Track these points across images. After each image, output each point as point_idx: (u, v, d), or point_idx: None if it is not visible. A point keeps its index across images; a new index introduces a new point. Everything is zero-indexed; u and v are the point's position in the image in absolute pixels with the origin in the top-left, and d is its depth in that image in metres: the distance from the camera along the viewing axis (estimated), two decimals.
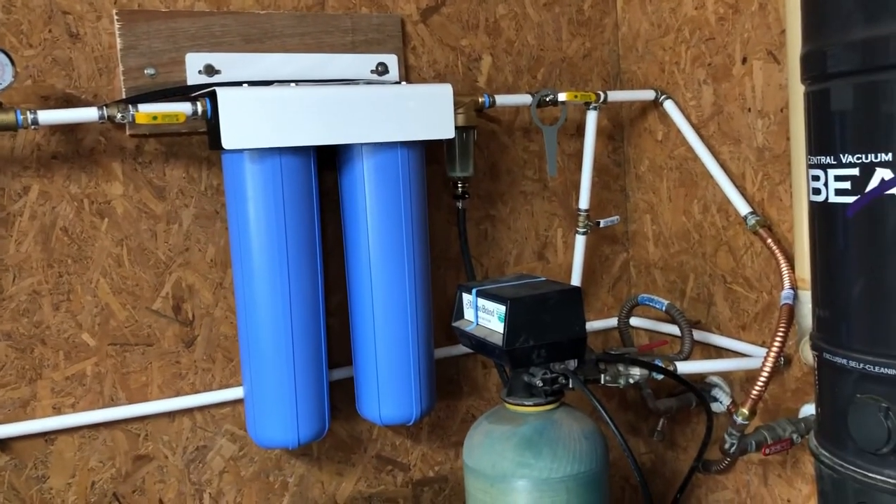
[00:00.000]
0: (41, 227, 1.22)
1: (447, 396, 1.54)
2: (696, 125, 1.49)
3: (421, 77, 1.46)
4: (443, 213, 1.50)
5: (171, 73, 1.26)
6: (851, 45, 0.81)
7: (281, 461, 1.41)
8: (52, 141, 1.21)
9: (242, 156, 1.18)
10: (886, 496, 0.81)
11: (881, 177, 0.79)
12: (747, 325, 1.44)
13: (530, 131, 1.58)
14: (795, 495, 1.39)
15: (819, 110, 0.87)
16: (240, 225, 1.21)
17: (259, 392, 1.25)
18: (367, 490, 1.49)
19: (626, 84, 1.64)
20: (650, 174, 1.62)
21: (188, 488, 1.34)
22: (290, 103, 1.18)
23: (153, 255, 1.29)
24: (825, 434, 0.89)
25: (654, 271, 1.64)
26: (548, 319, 1.13)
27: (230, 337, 1.35)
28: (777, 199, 1.35)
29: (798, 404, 1.35)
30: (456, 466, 1.56)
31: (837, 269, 0.85)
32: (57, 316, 1.24)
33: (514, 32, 1.54)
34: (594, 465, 1.14)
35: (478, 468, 1.16)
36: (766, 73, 1.35)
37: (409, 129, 1.26)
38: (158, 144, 1.28)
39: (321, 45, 1.36)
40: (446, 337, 1.49)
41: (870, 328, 0.82)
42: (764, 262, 1.39)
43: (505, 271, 1.58)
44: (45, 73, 1.20)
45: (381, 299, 1.29)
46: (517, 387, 1.18)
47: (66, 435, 1.25)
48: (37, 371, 1.23)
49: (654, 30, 1.56)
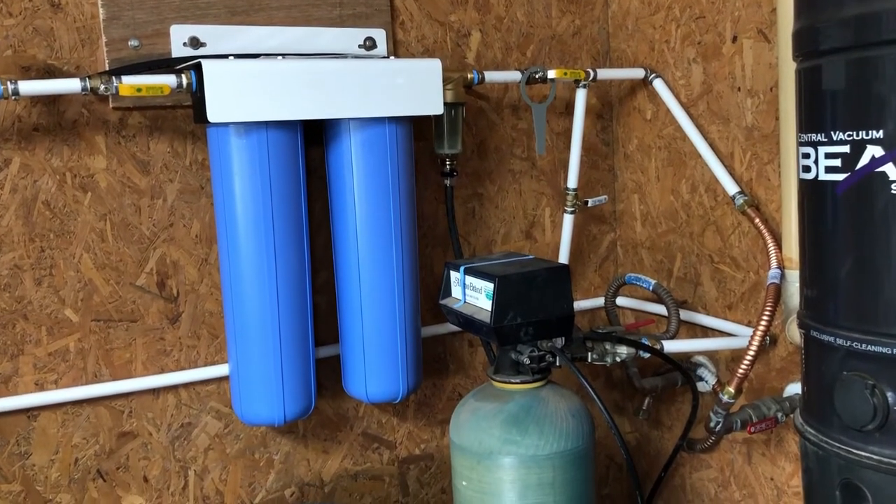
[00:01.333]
0: (22, 200, 1.20)
1: (433, 374, 1.54)
2: (685, 104, 1.48)
3: (409, 52, 1.45)
4: (430, 190, 1.49)
5: (155, 45, 1.23)
6: (844, 21, 0.80)
7: (266, 439, 1.41)
8: (34, 113, 1.19)
9: (228, 130, 1.17)
10: (870, 472, 0.81)
11: (872, 154, 0.78)
12: (734, 305, 1.45)
13: (519, 109, 1.57)
14: (779, 473, 1.40)
15: (810, 87, 0.87)
16: (225, 200, 1.20)
17: (245, 369, 1.24)
18: (353, 468, 1.49)
19: (616, 62, 1.63)
20: (639, 153, 1.62)
21: (173, 465, 1.34)
22: (277, 76, 1.16)
23: (137, 231, 1.28)
24: (811, 411, 0.89)
25: (641, 251, 1.64)
26: (536, 297, 1.12)
27: (215, 314, 1.34)
28: (765, 178, 1.35)
29: (783, 383, 1.36)
30: (442, 444, 1.57)
31: (826, 247, 0.85)
32: (39, 291, 1.22)
33: (504, 8, 1.53)
34: (581, 443, 1.14)
35: (464, 445, 1.16)
36: (756, 52, 1.34)
37: (397, 104, 1.24)
38: (142, 118, 1.26)
39: (308, 18, 1.34)
40: (433, 315, 1.49)
41: (857, 305, 0.82)
42: (751, 242, 1.39)
43: (492, 250, 1.58)
44: (25, 44, 1.18)
45: (368, 276, 1.28)
46: (504, 364, 1.18)
47: (48, 411, 1.24)
48: (18, 347, 1.22)
49: (645, 7, 1.55)
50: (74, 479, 1.27)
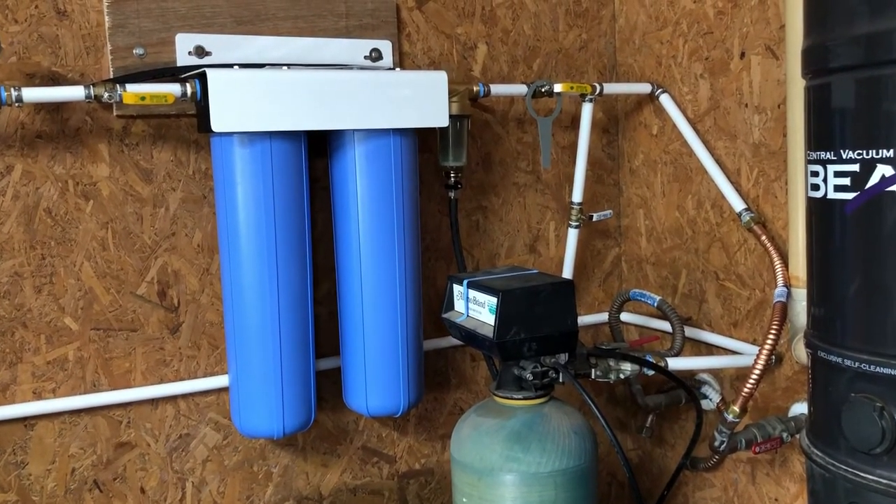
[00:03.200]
0: (24, 207, 1.19)
1: (435, 389, 1.53)
2: (691, 120, 1.47)
3: (415, 64, 1.44)
4: (434, 203, 1.49)
5: (160, 53, 1.23)
6: (855, 40, 0.80)
7: (265, 451, 1.39)
8: (37, 120, 1.19)
9: (232, 139, 1.16)
10: (878, 496, 0.80)
11: (882, 173, 0.78)
12: (739, 323, 1.43)
13: (524, 122, 1.56)
14: (783, 494, 1.39)
15: (820, 105, 0.86)
16: (228, 210, 1.19)
17: (245, 381, 1.23)
18: (353, 482, 1.47)
19: (622, 77, 1.63)
20: (644, 168, 1.61)
21: (170, 477, 1.32)
22: (282, 87, 1.16)
23: (139, 239, 1.27)
24: (817, 433, 0.88)
25: (645, 266, 1.63)
26: (540, 312, 1.11)
27: (216, 324, 1.33)
28: (772, 195, 1.34)
29: (788, 403, 1.34)
30: (442, 459, 1.55)
31: (834, 266, 0.84)
32: (39, 299, 1.21)
33: (511, 22, 1.53)
34: (583, 461, 1.13)
35: (465, 461, 1.15)
36: (763, 69, 1.33)
37: (402, 116, 1.24)
38: (146, 126, 1.26)
39: (314, 29, 1.34)
40: (435, 329, 1.48)
41: (866, 326, 0.81)
42: (757, 260, 1.38)
43: (496, 263, 1.57)
44: (30, 50, 1.18)
45: (371, 289, 1.27)
46: (507, 380, 1.16)
47: (46, 420, 1.23)
48: (17, 355, 1.21)
49: (652, 22, 1.55)
50: (71, 490, 1.26)
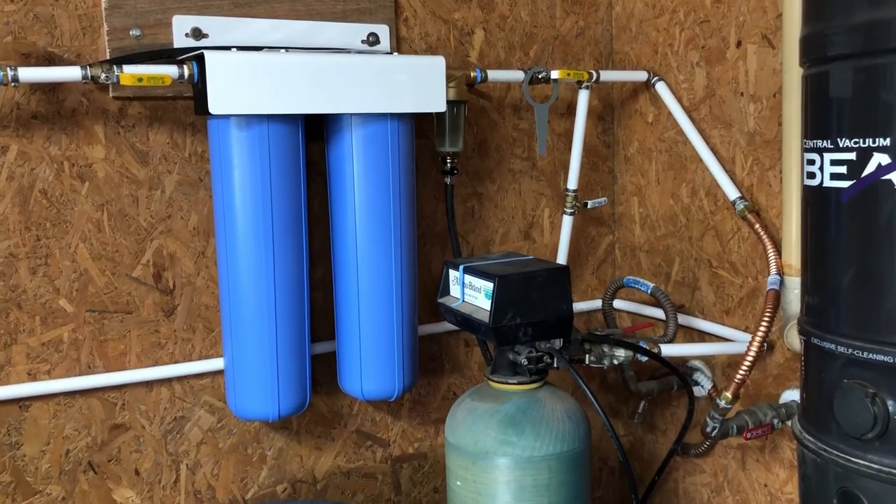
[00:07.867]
0: (19, 188, 1.19)
1: (429, 373, 1.54)
2: (687, 108, 1.48)
3: (412, 49, 1.44)
4: (430, 188, 1.49)
5: (157, 35, 1.22)
6: (853, 28, 0.80)
7: (260, 434, 1.40)
8: (33, 100, 1.18)
9: (229, 122, 1.16)
10: (869, 481, 0.81)
11: (878, 162, 0.78)
12: (731, 310, 1.44)
13: (520, 109, 1.56)
14: (773, 480, 1.40)
15: (817, 94, 0.86)
16: (224, 193, 1.19)
17: (240, 363, 1.23)
18: (346, 465, 1.48)
19: (619, 65, 1.63)
20: (639, 156, 1.61)
21: (165, 459, 1.33)
22: (280, 69, 1.15)
23: (134, 222, 1.27)
24: (810, 418, 0.89)
25: (639, 254, 1.64)
26: (535, 298, 1.12)
27: (211, 307, 1.33)
28: (766, 184, 1.35)
29: (779, 390, 1.35)
30: (436, 443, 1.56)
31: (829, 254, 0.85)
32: (34, 280, 1.21)
33: (508, 8, 1.52)
34: (576, 445, 1.14)
35: (460, 445, 1.15)
36: (759, 58, 1.34)
37: (399, 100, 1.24)
38: (142, 108, 1.25)
39: (311, 12, 1.33)
40: (430, 314, 1.48)
41: (860, 313, 0.82)
42: (750, 248, 1.39)
43: (491, 249, 1.57)
44: (26, 30, 1.17)
45: (367, 273, 1.27)
46: (502, 365, 1.17)
47: (40, 402, 1.23)
48: (11, 336, 1.20)
49: (649, 10, 1.55)
50: (65, 471, 1.26)
